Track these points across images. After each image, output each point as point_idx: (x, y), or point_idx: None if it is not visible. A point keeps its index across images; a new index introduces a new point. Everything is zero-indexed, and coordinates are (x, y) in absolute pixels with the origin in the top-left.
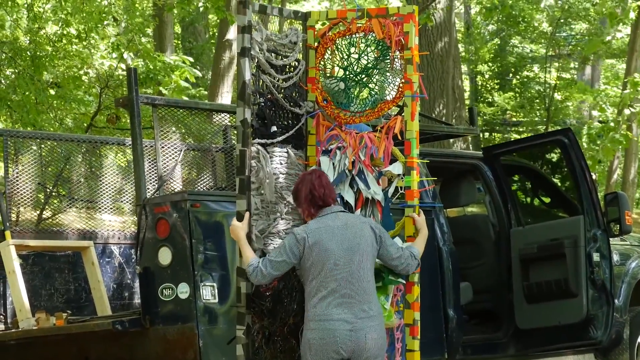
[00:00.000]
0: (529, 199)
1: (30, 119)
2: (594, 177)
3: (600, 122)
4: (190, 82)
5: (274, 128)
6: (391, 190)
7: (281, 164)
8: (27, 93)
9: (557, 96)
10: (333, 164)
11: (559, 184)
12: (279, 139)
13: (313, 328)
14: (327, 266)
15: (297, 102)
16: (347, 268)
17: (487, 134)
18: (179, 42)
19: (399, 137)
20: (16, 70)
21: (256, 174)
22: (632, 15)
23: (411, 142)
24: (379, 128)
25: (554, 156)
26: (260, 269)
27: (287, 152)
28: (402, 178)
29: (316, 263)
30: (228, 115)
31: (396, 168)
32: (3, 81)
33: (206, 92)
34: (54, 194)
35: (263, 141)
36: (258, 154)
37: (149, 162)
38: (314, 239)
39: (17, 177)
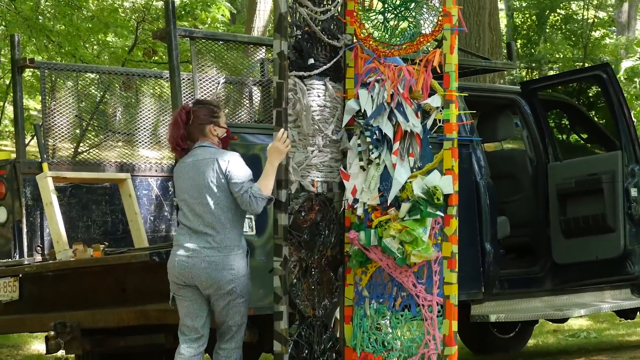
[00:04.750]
0: (566, 135)
1: (69, 50)
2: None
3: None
4: (226, 19)
5: (312, 61)
6: (430, 122)
7: (319, 96)
8: (66, 21)
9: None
10: (372, 96)
11: (597, 119)
12: (317, 71)
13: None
14: (184, 198)
15: (335, 34)
16: (195, 202)
17: (524, 72)
18: None
19: (438, 71)
20: None
21: (293, 107)
22: None
23: (450, 75)
24: (417, 61)
25: (592, 91)
26: None
27: (325, 84)
28: (440, 111)
29: (178, 195)
30: (264, 49)
31: (435, 101)
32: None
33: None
34: (90, 127)
35: (300, 74)
36: (295, 87)
37: (186, 95)
38: (176, 173)
39: (54, 109)
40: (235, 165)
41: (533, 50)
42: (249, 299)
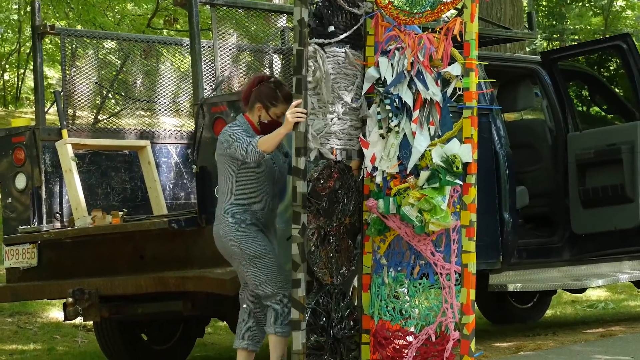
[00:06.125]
0: (586, 105)
1: (90, 17)
2: None
3: None
4: None
5: (332, 28)
6: (449, 91)
7: (339, 64)
8: None
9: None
10: (392, 64)
11: (617, 90)
12: (337, 39)
13: None
14: None
15: (356, 2)
16: None
17: (545, 43)
18: None
19: (459, 39)
20: None
21: (313, 74)
22: None
23: (470, 43)
24: (438, 29)
25: (613, 62)
26: None
27: (345, 52)
28: (460, 79)
29: None
30: (285, 17)
31: (455, 69)
32: None
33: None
34: (110, 94)
35: (320, 41)
36: (315, 54)
37: (207, 63)
38: None
39: (74, 76)
40: (227, 133)
41: (554, 22)
42: (248, 260)
